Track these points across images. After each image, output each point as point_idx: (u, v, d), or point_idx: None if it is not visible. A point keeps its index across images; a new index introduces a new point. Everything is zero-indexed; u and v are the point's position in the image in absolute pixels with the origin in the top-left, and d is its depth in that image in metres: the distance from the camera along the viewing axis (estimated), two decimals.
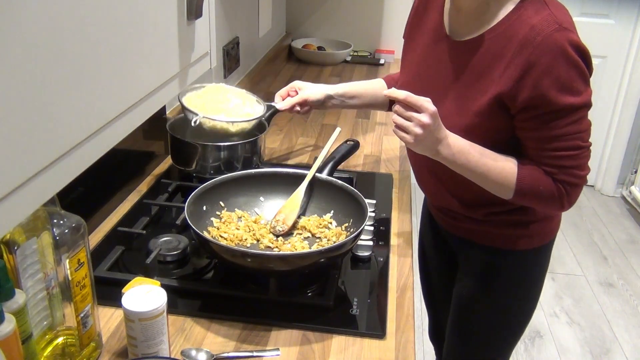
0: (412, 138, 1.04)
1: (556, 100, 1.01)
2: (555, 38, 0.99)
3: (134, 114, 0.79)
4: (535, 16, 1.02)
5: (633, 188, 3.65)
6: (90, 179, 1.01)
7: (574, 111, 1.03)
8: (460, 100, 1.11)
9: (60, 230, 0.83)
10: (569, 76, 1.00)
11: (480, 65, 1.08)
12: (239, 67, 2.15)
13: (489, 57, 1.07)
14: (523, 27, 1.02)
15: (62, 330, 0.90)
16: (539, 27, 1.00)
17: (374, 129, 1.99)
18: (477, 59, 1.09)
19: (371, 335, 1.03)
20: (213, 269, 1.17)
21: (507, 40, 1.04)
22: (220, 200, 1.25)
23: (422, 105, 1.02)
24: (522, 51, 1.01)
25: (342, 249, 1.08)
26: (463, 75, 1.11)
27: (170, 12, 0.88)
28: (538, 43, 0.99)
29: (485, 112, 1.07)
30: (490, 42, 1.07)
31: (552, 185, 1.08)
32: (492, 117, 1.07)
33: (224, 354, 0.97)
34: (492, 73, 1.06)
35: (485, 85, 1.07)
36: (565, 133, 1.04)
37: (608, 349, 2.50)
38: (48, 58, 0.59)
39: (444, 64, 1.15)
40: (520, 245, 1.26)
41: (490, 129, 1.09)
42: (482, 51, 1.08)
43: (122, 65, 0.74)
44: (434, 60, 1.18)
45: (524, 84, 1.01)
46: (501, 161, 1.09)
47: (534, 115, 1.04)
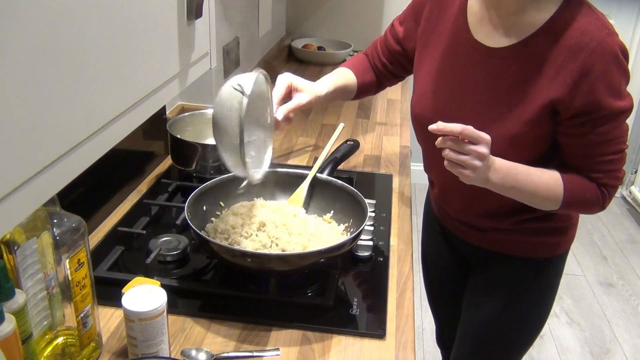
0: (471, 172, 0.99)
1: (608, 105, 1.00)
2: (609, 43, 0.98)
3: (134, 114, 0.79)
4: (583, 20, 1.00)
5: (633, 188, 3.66)
6: (90, 179, 1.01)
7: (621, 115, 1.03)
8: (504, 108, 1.07)
9: (60, 230, 0.83)
10: (619, 81, 1.00)
11: (525, 71, 1.04)
12: (239, 67, 2.15)
13: (535, 63, 1.03)
14: (572, 31, 1.00)
15: (62, 330, 0.90)
16: (592, 32, 0.99)
17: (374, 129, 1.99)
18: (521, 65, 1.05)
19: (371, 335, 1.03)
20: (213, 269, 1.17)
21: (554, 45, 1.01)
22: (220, 200, 1.25)
23: (479, 136, 0.97)
24: (575, 56, 0.99)
25: (342, 249, 1.08)
26: (503, 83, 1.07)
27: (170, 12, 0.88)
28: (593, 48, 0.98)
29: (535, 119, 1.04)
30: (535, 47, 1.03)
31: (597, 190, 1.08)
32: (540, 125, 1.05)
33: (224, 354, 0.97)
34: (540, 79, 1.03)
35: (533, 92, 1.04)
36: (613, 137, 1.04)
37: (608, 349, 2.50)
38: (48, 58, 0.59)
39: (474, 72, 1.11)
40: (544, 253, 1.25)
41: (536, 137, 1.07)
42: (526, 57, 1.04)
43: (122, 65, 0.74)
44: (460, 68, 1.13)
45: (580, 90, 1.00)
46: (546, 176, 1.08)
47: (586, 121, 1.02)
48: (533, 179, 1.07)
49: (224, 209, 1.25)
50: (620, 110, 1.02)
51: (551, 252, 1.25)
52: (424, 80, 1.20)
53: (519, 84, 1.05)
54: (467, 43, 1.12)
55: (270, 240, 1.11)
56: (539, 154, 1.10)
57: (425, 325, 2.56)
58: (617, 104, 1.01)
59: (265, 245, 1.10)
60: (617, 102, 1.01)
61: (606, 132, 1.03)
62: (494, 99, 1.09)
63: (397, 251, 1.28)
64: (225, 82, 0.99)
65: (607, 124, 1.02)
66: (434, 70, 1.18)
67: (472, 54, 1.11)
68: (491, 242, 1.26)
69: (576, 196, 1.08)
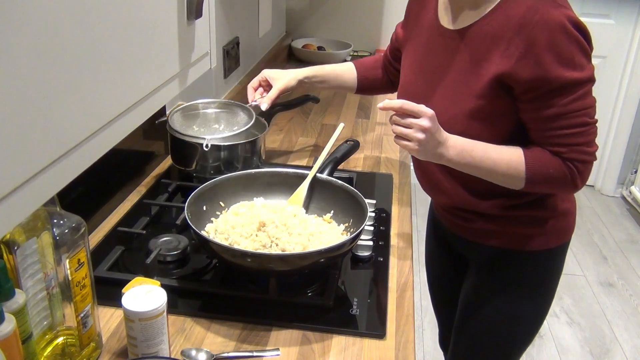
0: (415, 144, 1.04)
1: (559, 75, 1.00)
2: (553, 15, 0.99)
3: (134, 114, 0.79)
4: None
5: (633, 188, 3.66)
6: (90, 179, 1.01)
7: (578, 86, 1.02)
8: (461, 86, 1.10)
9: (60, 230, 0.83)
10: (570, 50, 1.00)
11: (480, 50, 1.08)
12: (239, 67, 2.15)
13: (488, 41, 1.06)
14: (520, 7, 1.02)
15: (62, 330, 0.90)
16: (536, 6, 1.01)
17: (374, 129, 1.99)
18: (477, 44, 1.08)
19: (371, 335, 1.03)
20: (213, 269, 1.17)
21: (505, 22, 1.04)
22: (220, 200, 1.25)
23: (419, 110, 1.02)
24: (521, 30, 1.01)
25: (342, 249, 1.08)
26: (464, 63, 1.10)
27: (170, 12, 0.88)
28: (536, 21, 1.00)
29: (486, 93, 1.06)
30: (488, 26, 1.07)
31: (562, 166, 1.06)
32: (495, 100, 1.07)
33: (224, 354, 0.97)
34: (492, 55, 1.05)
35: (486, 67, 1.06)
36: (571, 110, 1.03)
37: (608, 349, 2.50)
38: (48, 58, 0.59)
39: (443, 56, 1.15)
40: (534, 246, 1.22)
41: (494, 113, 1.08)
42: (481, 36, 1.08)
43: (122, 65, 0.74)
44: (433, 55, 1.17)
45: (526, 62, 1.01)
46: (506, 152, 1.08)
47: (539, 95, 1.03)
48: (491, 155, 1.07)
49: (224, 209, 1.25)
50: (576, 81, 1.01)
51: (543, 244, 1.22)
52: (406, 73, 1.26)
53: (475, 62, 1.08)
54: (436, 30, 1.16)
55: (270, 240, 1.11)
56: (505, 131, 1.10)
57: (425, 325, 2.56)
58: (571, 75, 1.00)
59: (265, 245, 1.10)
60: (570, 73, 1.00)
61: (564, 104, 1.02)
62: (454, 79, 1.11)
63: (397, 251, 1.28)
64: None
65: (565, 96, 1.02)
66: (414, 62, 1.23)
67: (439, 39, 1.15)
68: (481, 234, 1.24)
69: (539, 172, 1.07)
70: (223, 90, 2.04)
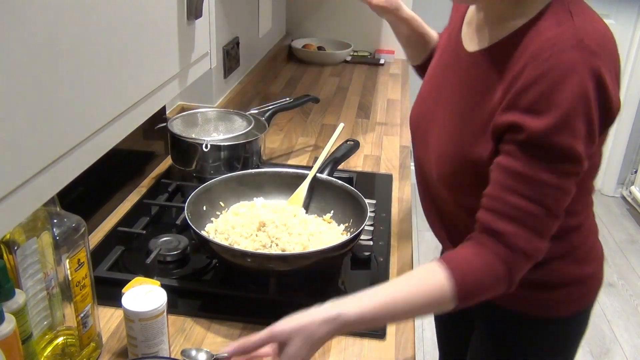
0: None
1: (546, 133, 0.79)
2: (570, 57, 0.78)
3: (134, 114, 0.79)
4: (554, 28, 0.82)
5: (633, 188, 3.66)
6: (90, 179, 1.01)
7: (564, 161, 0.81)
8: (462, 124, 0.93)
9: (60, 230, 0.83)
10: (573, 112, 0.78)
11: (487, 82, 0.89)
12: (239, 67, 2.15)
13: (495, 73, 0.88)
14: (537, 40, 0.83)
15: (62, 330, 0.90)
16: (552, 42, 0.80)
17: (374, 129, 1.99)
18: (483, 73, 0.91)
19: (371, 335, 1.03)
20: (213, 269, 1.17)
21: (517, 55, 0.85)
22: (220, 200, 1.25)
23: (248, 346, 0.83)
24: (525, 68, 0.82)
25: (342, 249, 1.08)
26: (468, 94, 0.94)
27: (170, 12, 0.88)
28: (544, 59, 0.80)
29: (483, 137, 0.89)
30: (500, 54, 0.88)
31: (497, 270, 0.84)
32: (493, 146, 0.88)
33: (224, 354, 0.96)
34: (495, 92, 0.87)
35: (484, 107, 0.89)
36: (543, 181, 0.81)
37: (608, 349, 2.50)
38: (48, 58, 0.59)
39: (452, 78, 0.99)
40: (550, 312, 1.04)
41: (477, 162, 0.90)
42: (489, 65, 0.90)
43: (122, 65, 0.74)
44: (446, 74, 1.03)
45: (518, 102, 0.82)
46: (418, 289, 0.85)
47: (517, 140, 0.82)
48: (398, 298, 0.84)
49: (224, 209, 1.25)
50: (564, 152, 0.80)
51: (561, 311, 1.04)
52: (425, 81, 1.13)
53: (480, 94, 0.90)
54: (454, 45, 1.01)
55: (270, 240, 1.11)
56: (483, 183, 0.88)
57: (425, 325, 2.56)
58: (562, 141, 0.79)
59: (265, 245, 1.10)
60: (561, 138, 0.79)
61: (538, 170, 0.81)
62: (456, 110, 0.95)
63: (397, 251, 1.28)
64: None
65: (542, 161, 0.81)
66: (432, 74, 1.09)
67: (453, 57, 1.00)
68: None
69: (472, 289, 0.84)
70: (223, 90, 2.04)
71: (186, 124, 1.53)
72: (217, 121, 1.57)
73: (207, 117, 1.58)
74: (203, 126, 1.55)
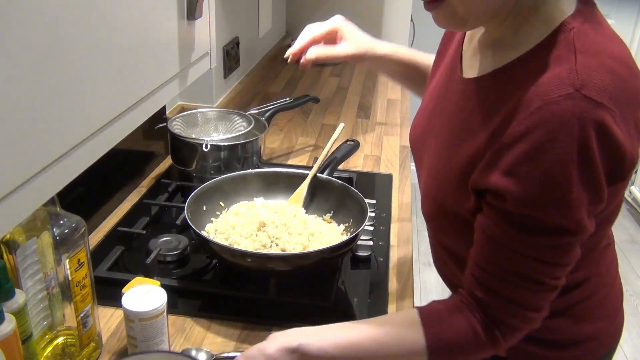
0: None
1: (530, 203, 0.69)
2: (562, 109, 0.66)
3: (134, 114, 0.80)
4: (552, 68, 0.70)
5: (633, 188, 3.66)
6: (90, 179, 1.01)
7: (557, 233, 0.70)
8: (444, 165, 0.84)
9: (60, 230, 0.83)
10: (564, 176, 0.66)
11: (474, 120, 0.78)
12: (239, 67, 2.15)
13: (485, 108, 0.77)
14: (531, 79, 0.70)
15: (62, 330, 0.90)
16: (544, 87, 0.68)
17: (374, 129, 1.99)
18: (473, 106, 0.79)
19: None
20: (213, 269, 1.17)
21: (509, 93, 0.73)
22: (220, 200, 1.25)
23: None
24: (512, 117, 0.70)
25: (342, 249, 1.08)
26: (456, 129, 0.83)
27: (170, 12, 0.88)
28: (532, 110, 0.68)
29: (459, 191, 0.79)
30: (493, 88, 0.77)
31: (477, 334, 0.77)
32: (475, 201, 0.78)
33: (224, 354, 0.97)
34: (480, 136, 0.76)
35: (465, 149, 0.78)
36: (530, 256, 0.72)
37: None
38: (48, 58, 0.59)
39: (450, 103, 0.88)
40: None
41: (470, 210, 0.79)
42: (478, 98, 0.79)
43: (122, 65, 0.74)
44: (441, 97, 0.92)
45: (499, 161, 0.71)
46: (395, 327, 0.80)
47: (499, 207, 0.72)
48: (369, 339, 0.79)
49: (224, 209, 1.25)
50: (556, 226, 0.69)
51: None
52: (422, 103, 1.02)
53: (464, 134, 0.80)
54: (451, 71, 0.91)
55: (270, 240, 1.11)
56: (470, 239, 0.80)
57: None
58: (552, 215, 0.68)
59: (265, 245, 1.10)
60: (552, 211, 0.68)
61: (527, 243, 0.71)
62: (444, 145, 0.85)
63: (397, 251, 1.28)
64: None
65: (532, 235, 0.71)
66: (427, 97, 0.99)
67: (450, 83, 0.90)
68: None
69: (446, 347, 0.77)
70: (223, 90, 2.04)
71: (186, 124, 1.53)
72: (217, 121, 1.57)
73: (207, 117, 1.58)
74: (203, 126, 1.55)
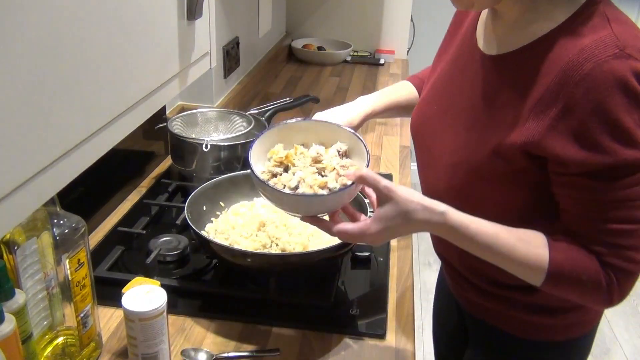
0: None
1: (613, 150, 0.74)
2: (613, 67, 0.73)
3: (134, 114, 0.79)
4: (590, 35, 0.76)
5: None
6: (90, 179, 1.01)
7: (635, 169, 0.75)
8: (477, 134, 0.87)
9: (60, 230, 0.83)
10: (632, 119, 0.73)
11: (510, 91, 0.83)
12: (239, 67, 2.15)
13: (521, 83, 0.82)
14: (570, 48, 0.76)
15: (62, 330, 0.90)
16: (591, 51, 0.74)
17: (374, 129, 1.99)
18: (508, 82, 0.84)
19: (371, 335, 1.03)
20: (213, 269, 1.17)
21: (547, 63, 0.78)
22: (220, 200, 1.25)
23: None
24: (563, 82, 0.76)
25: (342, 249, 1.08)
26: (486, 102, 0.87)
27: (170, 12, 0.88)
28: (586, 72, 0.74)
29: (505, 155, 0.83)
30: (526, 61, 0.82)
31: (599, 272, 0.79)
32: (514, 162, 0.82)
33: (224, 354, 0.97)
34: (521, 105, 0.81)
35: (510, 120, 0.82)
36: (624, 198, 0.76)
37: (608, 349, 2.50)
38: (48, 58, 0.59)
39: (467, 82, 0.92)
40: (550, 336, 0.98)
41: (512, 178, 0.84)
42: (515, 73, 0.83)
43: (122, 65, 0.74)
44: (456, 76, 0.96)
45: (565, 128, 0.76)
46: (522, 239, 0.82)
47: (583, 172, 0.77)
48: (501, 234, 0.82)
49: (224, 209, 1.25)
50: (632, 162, 0.74)
51: (561, 334, 0.99)
52: (426, 88, 1.05)
53: (500, 105, 0.85)
54: (468, 48, 0.95)
55: (270, 240, 1.11)
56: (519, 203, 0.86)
57: (425, 325, 2.56)
58: (630, 154, 0.74)
59: (265, 245, 1.10)
60: (624, 151, 0.74)
61: (616, 190, 0.76)
62: (472, 117, 0.89)
63: (397, 251, 1.28)
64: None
65: (617, 180, 0.75)
66: (437, 79, 1.02)
67: (468, 60, 0.94)
68: (485, 312, 1.04)
69: (567, 273, 0.80)
70: (223, 90, 2.04)
71: (186, 124, 1.53)
72: (217, 121, 1.57)
73: (207, 117, 1.58)
74: (203, 126, 1.55)
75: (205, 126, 1.55)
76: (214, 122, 1.57)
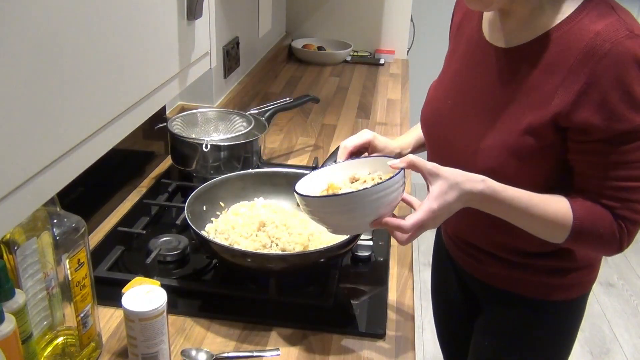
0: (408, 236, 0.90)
1: (628, 118, 0.87)
2: (627, 46, 0.85)
3: (134, 114, 0.79)
4: (600, 21, 0.89)
5: None
6: (90, 179, 1.01)
7: None
8: (504, 116, 0.97)
9: (60, 230, 0.83)
10: None
11: (531, 77, 0.94)
12: (239, 67, 2.15)
13: (541, 68, 0.93)
14: (585, 33, 0.88)
15: (62, 330, 0.90)
16: (606, 34, 0.87)
17: (374, 129, 1.99)
18: (527, 69, 0.95)
19: (371, 335, 1.03)
20: (213, 269, 1.17)
21: (564, 49, 0.90)
22: (220, 200, 1.25)
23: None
24: (585, 62, 0.87)
25: (342, 249, 1.08)
26: (508, 89, 0.97)
27: (170, 12, 0.88)
28: (605, 52, 0.86)
29: (535, 131, 0.93)
30: (544, 49, 0.93)
31: (613, 224, 0.93)
32: (542, 139, 0.93)
33: (224, 354, 0.97)
34: (545, 86, 0.92)
35: (537, 100, 0.93)
36: (635, 160, 0.90)
37: (608, 349, 2.50)
38: (48, 58, 0.59)
39: (484, 76, 1.02)
40: (555, 296, 1.11)
41: (538, 153, 0.95)
42: (533, 60, 0.94)
43: (122, 65, 0.74)
44: (471, 73, 1.05)
45: (589, 100, 0.88)
46: (551, 199, 0.94)
47: (599, 139, 0.89)
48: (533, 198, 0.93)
49: (224, 209, 1.25)
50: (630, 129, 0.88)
51: (566, 295, 1.11)
52: (436, 86, 1.14)
53: (524, 91, 0.95)
54: (478, 45, 1.04)
55: (270, 240, 1.11)
56: (545, 174, 0.97)
57: (425, 325, 2.57)
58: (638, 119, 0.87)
59: (265, 245, 1.10)
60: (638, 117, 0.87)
61: (629, 152, 0.89)
62: (495, 106, 0.99)
63: (397, 251, 1.28)
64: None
65: (631, 143, 0.89)
66: (447, 76, 1.11)
67: (481, 56, 1.03)
68: (498, 279, 1.13)
69: (588, 228, 0.93)
70: (223, 90, 2.04)
71: (186, 124, 1.53)
72: (217, 121, 1.57)
73: (207, 117, 1.58)
74: (203, 126, 1.55)
75: (205, 126, 1.55)
76: (214, 122, 1.57)
